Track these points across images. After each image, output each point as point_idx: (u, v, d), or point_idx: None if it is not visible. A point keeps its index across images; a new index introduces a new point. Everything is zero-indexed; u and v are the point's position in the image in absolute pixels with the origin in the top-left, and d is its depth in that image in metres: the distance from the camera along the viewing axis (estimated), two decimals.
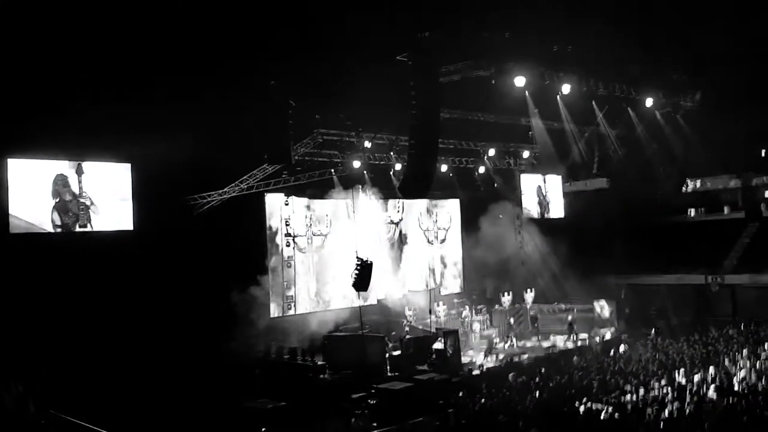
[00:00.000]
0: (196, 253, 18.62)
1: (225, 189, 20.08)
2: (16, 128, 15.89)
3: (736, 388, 12.86)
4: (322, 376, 18.09)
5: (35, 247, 16.78)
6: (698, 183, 30.79)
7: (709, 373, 14.00)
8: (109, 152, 18.10)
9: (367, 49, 15.04)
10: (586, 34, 15.82)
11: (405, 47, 14.94)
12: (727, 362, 15.41)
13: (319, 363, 18.43)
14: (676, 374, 14.38)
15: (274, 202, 22.08)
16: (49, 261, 16.65)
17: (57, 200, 17.48)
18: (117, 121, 16.28)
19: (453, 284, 27.63)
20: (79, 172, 17.86)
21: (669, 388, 13.01)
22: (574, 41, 16.61)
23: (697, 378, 13.74)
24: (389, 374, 18.09)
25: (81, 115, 15.94)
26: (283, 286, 22.17)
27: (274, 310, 21.77)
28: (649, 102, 20.65)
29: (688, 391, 12.65)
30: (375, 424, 13.53)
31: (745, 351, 16.31)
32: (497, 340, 22.72)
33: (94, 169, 17.96)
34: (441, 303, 23.90)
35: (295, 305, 22.40)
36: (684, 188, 30.95)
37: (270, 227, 22.11)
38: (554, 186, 28.13)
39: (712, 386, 12.74)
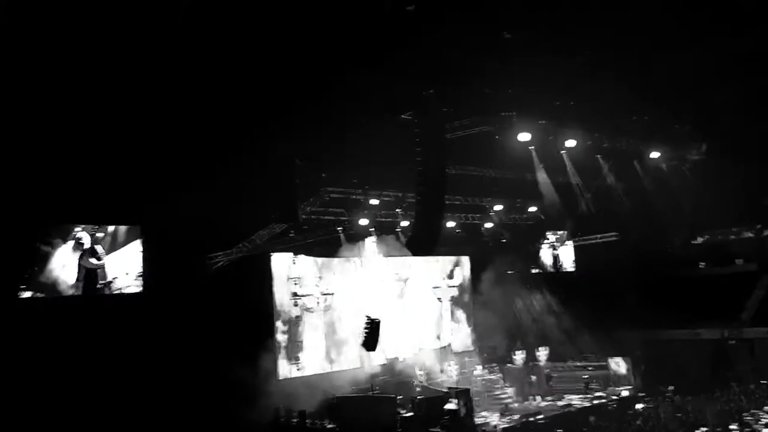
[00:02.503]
0: (204, 314, 18.47)
1: (232, 249, 20.06)
2: (28, 192, 16.04)
3: None
4: None
5: (44, 313, 16.70)
6: (708, 235, 30.54)
7: (732, 430, 13.55)
8: (119, 215, 18.24)
9: (371, 108, 15.24)
10: (588, 89, 16.00)
11: (409, 105, 15.16)
12: (749, 418, 14.93)
13: (329, 426, 17.98)
14: None
15: (282, 262, 21.99)
16: (59, 326, 16.54)
17: (69, 264, 17.52)
18: (126, 183, 16.47)
19: (464, 342, 27.18)
20: (91, 235, 17.96)
21: None
22: (576, 96, 16.79)
23: None
24: None
25: (93, 179, 16.12)
26: (291, 346, 21.84)
27: (283, 372, 21.37)
28: (654, 155, 20.71)
29: None
30: None
31: (766, 407, 15.84)
32: (513, 398, 22.24)
33: (106, 232, 18.07)
34: (452, 362, 23.48)
35: (303, 366, 22.02)
36: (694, 241, 30.68)
37: (277, 287, 21.95)
38: (564, 240, 27.98)
39: None
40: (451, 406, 18.50)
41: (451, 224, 23.56)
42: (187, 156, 15.90)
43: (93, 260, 17.78)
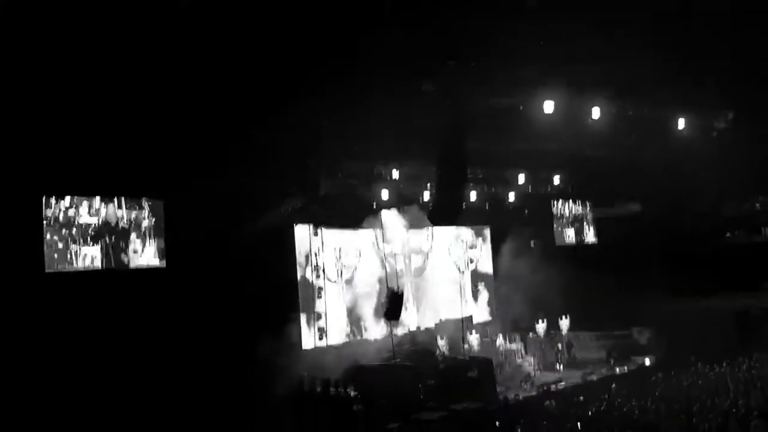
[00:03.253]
0: (226, 287, 18.74)
1: (254, 222, 20.23)
2: (52, 165, 16.27)
3: None
4: (355, 407, 17.92)
5: (68, 287, 17.03)
6: (735, 205, 30.16)
7: (753, 398, 13.56)
8: (142, 189, 18.49)
9: (394, 80, 15.16)
10: (615, 56, 15.74)
11: (431, 76, 15.06)
12: None
13: (352, 394, 18.27)
14: (719, 400, 13.94)
15: (304, 234, 22.19)
16: (82, 300, 16.87)
17: (94, 238, 17.85)
18: (149, 157, 16.63)
19: (485, 312, 27.31)
20: (116, 208, 18.26)
21: (712, 414, 12.60)
22: (603, 64, 16.53)
23: (741, 402, 13.30)
24: (423, 404, 17.84)
25: (115, 152, 16.29)
26: (314, 317, 22.15)
27: (306, 342, 21.72)
28: (681, 123, 20.39)
29: (732, 417, 12.23)
30: None
31: None
32: (534, 368, 22.39)
33: (129, 206, 18.36)
34: (474, 332, 23.64)
35: (326, 336, 22.32)
36: (721, 211, 30.34)
37: (300, 259, 22.18)
38: (587, 211, 27.82)
39: (756, 412, 12.31)
40: (472, 374, 18.71)
41: (473, 196, 23.50)
42: (209, 130, 16.00)
43: (115, 235, 18.10)
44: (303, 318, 21.85)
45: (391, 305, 18.61)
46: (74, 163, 16.25)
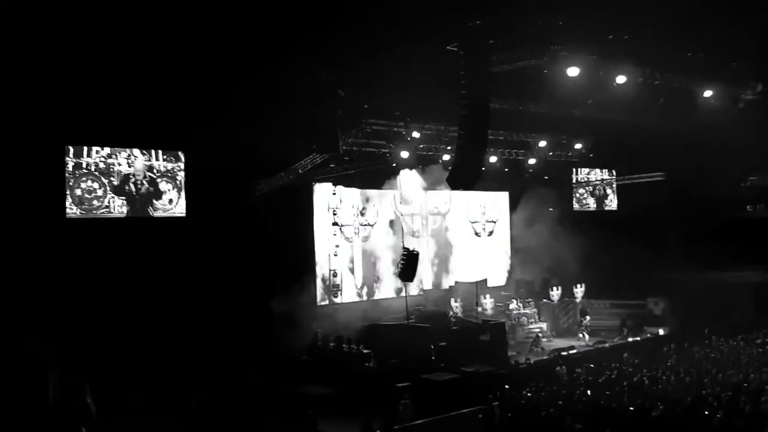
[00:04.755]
0: (245, 240, 18.97)
1: (274, 178, 20.30)
2: (75, 116, 16.42)
3: None
4: (367, 364, 18.18)
5: (89, 233, 17.38)
6: (759, 178, 29.62)
7: (765, 372, 13.52)
8: (163, 140, 18.69)
9: (417, 38, 14.91)
10: (644, 22, 15.31)
11: (456, 35, 14.75)
12: None
13: (365, 351, 18.52)
14: (731, 373, 13.92)
15: (322, 192, 22.25)
16: (102, 246, 17.21)
17: (116, 186, 18.19)
18: (171, 109, 16.70)
19: (500, 277, 27.35)
20: (137, 159, 18.57)
21: (721, 388, 12.60)
22: (631, 30, 16.10)
23: (753, 377, 13.28)
24: (434, 365, 18.04)
25: (137, 105, 16.39)
26: (329, 274, 22.34)
27: (321, 298, 21.97)
28: (708, 93, 19.91)
29: (743, 391, 12.22)
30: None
31: None
32: (546, 333, 22.57)
33: (150, 157, 18.67)
34: (488, 295, 23.73)
35: (341, 294, 22.55)
36: (744, 183, 29.83)
37: (318, 216, 22.28)
38: (608, 179, 27.52)
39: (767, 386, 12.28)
40: (484, 337, 18.82)
41: (493, 159, 23.31)
42: (230, 83, 15.96)
43: (139, 184, 18.37)
44: (318, 275, 22.08)
45: (406, 266, 18.66)
46: (97, 113, 16.51)
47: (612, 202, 27.98)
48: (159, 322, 17.03)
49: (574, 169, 27.88)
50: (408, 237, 23.34)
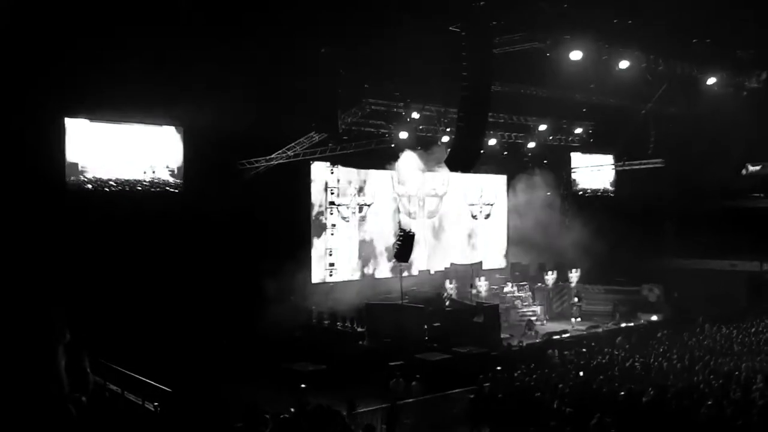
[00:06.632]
0: (242, 216, 18.94)
1: (272, 155, 20.23)
2: (74, 89, 16.31)
3: None
4: (361, 342, 18.26)
5: (88, 203, 17.39)
6: (758, 167, 29.60)
7: (758, 361, 13.60)
8: (161, 116, 18.61)
9: (418, 19, 14.79)
10: (648, 7, 15.20)
11: (458, 17, 14.62)
12: None
13: (359, 330, 18.59)
14: (723, 361, 14.00)
15: (320, 171, 22.20)
16: (100, 216, 17.21)
17: (115, 159, 18.17)
18: (169, 85, 16.60)
19: (496, 260, 27.42)
20: (137, 133, 18.55)
21: (713, 375, 12.67)
22: (636, 15, 15.97)
23: (744, 365, 13.35)
24: (428, 345, 18.12)
25: (136, 79, 16.27)
26: (325, 252, 22.36)
27: (316, 276, 22.01)
28: (711, 81, 19.81)
29: (734, 379, 12.29)
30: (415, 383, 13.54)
31: None
32: (540, 317, 22.64)
33: (147, 131, 18.59)
34: (483, 278, 23.80)
35: (336, 272, 22.59)
36: (743, 172, 29.81)
37: (315, 195, 22.25)
38: (606, 164, 27.46)
39: (759, 375, 12.34)
40: (478, 319, 18.90)
41: (492, 142, 23.24)
42: (230, 59, 15.83)
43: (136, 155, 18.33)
44: (314, 252, 22.10)
45: (402, 246, 18.68)
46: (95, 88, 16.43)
47: (610, 188, 27.94)
48: (152, 292, 17.03)
49: (572, 154, 27.78)
50: (405, 217, 23.35)
